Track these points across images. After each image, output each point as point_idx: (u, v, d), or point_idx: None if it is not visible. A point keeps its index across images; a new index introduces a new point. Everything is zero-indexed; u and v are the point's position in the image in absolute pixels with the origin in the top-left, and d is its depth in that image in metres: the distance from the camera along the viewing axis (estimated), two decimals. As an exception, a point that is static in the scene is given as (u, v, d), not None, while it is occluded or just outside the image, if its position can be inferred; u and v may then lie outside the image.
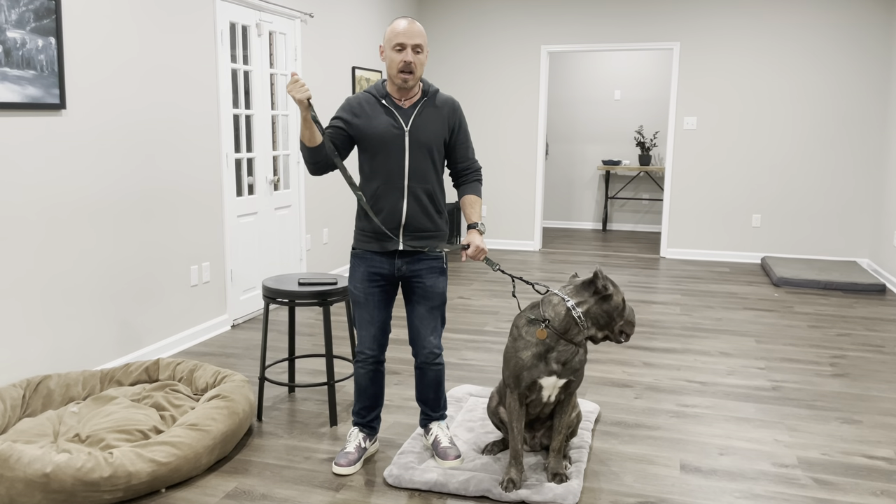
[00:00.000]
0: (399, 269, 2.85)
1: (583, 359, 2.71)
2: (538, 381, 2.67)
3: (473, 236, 2.81)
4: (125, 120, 3.94)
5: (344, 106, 2.82)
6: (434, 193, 2.84)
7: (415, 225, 2.81)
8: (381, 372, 2.99)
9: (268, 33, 5.25)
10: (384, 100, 2.78)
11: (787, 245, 7.37)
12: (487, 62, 7.95)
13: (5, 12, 3.20)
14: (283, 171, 5.63)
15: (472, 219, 2.88)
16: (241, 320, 5.09)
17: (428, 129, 2.80)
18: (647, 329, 4.99)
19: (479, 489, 2.72)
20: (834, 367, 4.23)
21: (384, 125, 2.75)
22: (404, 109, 2.79)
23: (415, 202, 2.80)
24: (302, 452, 3.10)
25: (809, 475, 2.92)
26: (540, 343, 2.64)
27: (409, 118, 2.78)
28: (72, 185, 3.63)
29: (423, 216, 2.82)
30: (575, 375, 2.69)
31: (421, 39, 2.70)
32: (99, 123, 3.78)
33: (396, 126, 2.76)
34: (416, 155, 2.78)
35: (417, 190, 2.80)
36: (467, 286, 6.25)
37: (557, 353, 2.64)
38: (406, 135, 2.76)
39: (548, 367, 2.65)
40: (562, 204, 9.85)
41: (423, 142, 2.78)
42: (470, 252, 2.78)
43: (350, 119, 2.79)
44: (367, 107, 2.78)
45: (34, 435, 2.93)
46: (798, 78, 7.12)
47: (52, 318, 3.57)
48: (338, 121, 2.80)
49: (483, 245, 2.79)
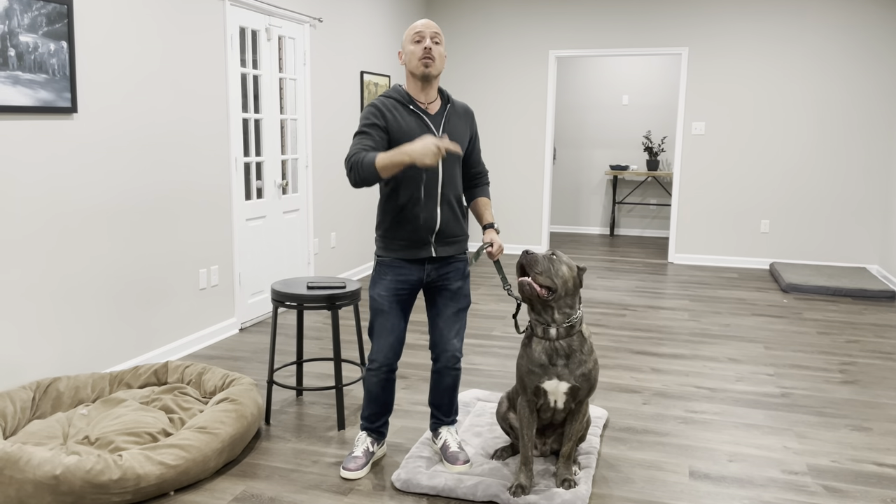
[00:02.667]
0: (429, 275, 2.86)
1: (592, 367, 2.70)
2: (540, 385, 2.69)
3: (494, 235, 2.87)
4: (135, 123, 3.96)
5: (374, 112, 2.73)
6: (461, 199, 2.90)
7: (447, 231, 2.84)
8: (392, 380, 2.99)
9: (277, 38, 5.27)
10: (411, 105, 2.77)
11: (796, 251, 7.34)
12: (496, 67, 7.96)
13: (18, 16, 3.22)
14: (291, 175, 5.64)
15: (488, 219, 2.94)
16: (249, 324, 5.10)
17: (457, 136, 2.83)
18: (656, 335, 4.97)
19: (487, 494, 2.72)
20: (843, 374, 4.21)
21: (418, 132, 2.74)
22: (433, 115, 2.79)
23: (448, 209, 2.82)
24: (310, 456, 3.10)
25: (819, 482, 2.91)
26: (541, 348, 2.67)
27: (439, 125, 2.79)
28: (82, 189, 3.65)
29: (454, 222, 2.86)
30: (581, 382, 2.69)
31: (438, 31, 2.75)
32: (109, 127, 3.80)
33: (430, 133, 2.77)
34: (449, 161, 2.80)
35: (450, 196, 2.82)
36: (475, 290, 6.25)
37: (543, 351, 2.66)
38: None
39: (545, 372, 2.67)
40: (569, 209, 9.84)
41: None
42: (494, 249, 2.82)
43: (384, 125, 2.73)
44: (396, 111, 2.75)
45: (44, 437, 2.94)
46: (806, 83, 7.10)
47: (62, 321, 3.59)
48: (376, 129, 2.71)
49: (501, 243, 2.85)
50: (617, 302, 5.90)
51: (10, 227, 3.28)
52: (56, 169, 3.49)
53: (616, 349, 4.63)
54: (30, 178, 3.36)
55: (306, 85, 5.66)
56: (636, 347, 4.68)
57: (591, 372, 2.70)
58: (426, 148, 2.44)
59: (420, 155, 2.44)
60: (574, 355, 2.67)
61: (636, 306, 5.76)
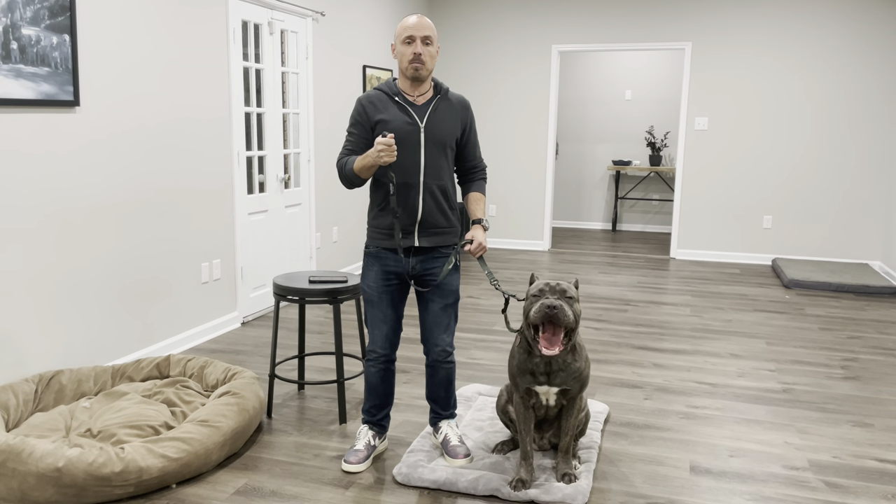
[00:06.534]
0: (413, 268, 2.86)
1: (583, 368, 2.70)
2: (531, 388, 2.71)
3: (478, 231, 2.84)
4: (137, 117, 3.96)
5: (357, 109, 2.82)
6: (448, 190, 2.87)
7: (430, 222, 2.83)
8: (391, 371, 3.00)
9: (279, 32, 5.26)
10: (397, 97, 2.79)
11: (799, 247, 7.33)
12: (498, 62, 7.95)
13: (20, 9, 3.22)
14: (293, 169, 5.64)
15: (478, 215, 2.91)
16: (251, 317, 5.10)
17: (443, 125, 2.81)
18: (657, 330, 4.97)
19: (488, 488, 2.72)
20: (845, 370, 4.21)
21: (399, 121, 2.77)
22: (418, 106, 2.80)
23: (430, 199, 2.81)
24: (311, 450, 3.10)
25: (820, 478, 2.91)
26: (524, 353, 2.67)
27: (423, 115, 2.79)
28: (85, 182, 3.65)
29: (438, 213, 2.84)
30: (572, 384, 2.69)
31: (430, 32, 2.74)
32: (112, 121, 3.80)
33: (411, 122, 2.77)
34: (432, 151, 2.80)
35: (433, 187, 2.81)
36: (476, 285, 6.25)
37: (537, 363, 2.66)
38: (421, 131, 2.77)
39: (535, 379, 2.68)
40: (571, 204, 9.83)
41: (437, 138, 2.80)
42: (473, 247, 2.79)
43: (367, 121, 2.79)
44: (380, 104, 2.80)
45: (46, 430, 2.95)
46: (810, 78, 7.08)
47: (65, 314, 3.59)
48: (359, 128, 2.82)
49: (485, 241, 2.82)
50: (619, 297, 5.90)
51: (13, 219, 3.29)
52: (58, 162, 3.49)
53: (618, 344, 4.63)
54: (32, 172, 3.36)
55: (308, 79, 5.65)
56: (638, 343, 4.68)
57: (581, 372, 2.71)
58: (375, 150, 2.62)
59: (376, 155, 2.63)
60: (568, 367, 2.68)
61: (638, 302, 5.76)
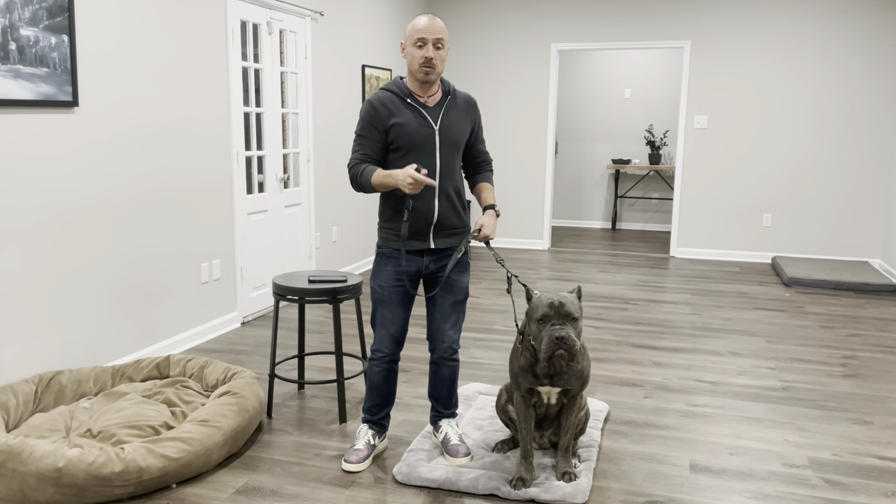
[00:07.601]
0: (427, 267, 2.86)
1: (582, 368, 2.70)
2: (533, 388, 2.71)
3: (489, 217, 2.81)
4: (136, 117, 3.96)
5: (370, 112, 2.76)
6: (460, 191, 2.87)
7: (446, 223, 2.83)
8: (395, 371, 2.99)
9: (278, 31, 5.26)
10: (409, 98, 2.77)
11: (798, 245, 7.33)
12: (497, 60, 7.95)
13: (19, 10, 3.22)
14: (293, 169, 5.64)
15: (489, 201, 2.89)
16: (250, 317, 5.10)
17: (455, 127, 2.82)
18: (657, 328, 4.97)
19: (488, 487, 2.73)
20: (845, 368, 4.21)
21: (414, 124, 2.75)
22: (430, 108, 2.79)
23: (446, 201, 2.82)
24: (311, 449, 3.11)
25: (820, 476, 2.91)
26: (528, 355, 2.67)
27: (437, 117, 2.78)
28: (84, 182, 3.65)
29: (453, 214, 2.84)
30: (573, 384, 2.70)
31: (442, 34, 2.71)
32: (111, 121, 3.80)
33: (426, 125, 2.76)
34: (446, 153, 2.80)
35: (448, 188, 2.82)
36: (476, 284, 6.25)
37: (541, 367, 2.65)
38: (436, 134, 2.77)
39: (538, 380, 2.68)
40: (571, 203, 9.83)
41: (452, 140, 2.80)
42: (483, 233, 2.76)
43: (381, 125, 2.75)
44: (392, 106, 2.76)
45: (46, 430, 2.95)
46: (809, 77, 7.08)
47: (64, 315, 3.59)
48: (372, 132, 2.76)
49: (494, 227, 2.80)
50: (619, 296, 5.90)
51: (12, 219, 3.29)
52: (57, 163, 3.49)
53: (617, 343, 4.63)
54: (31, 172, 3.36)
55: (307, 79, 5.65)
56: (638, 341, 4.68)
57: (583, 371, 2.71)
58: (405, 178, 2.59)
59: (401, 183, 2.61)
60: (571, 368, 2.68)
61: (638, 300, 5.76)
